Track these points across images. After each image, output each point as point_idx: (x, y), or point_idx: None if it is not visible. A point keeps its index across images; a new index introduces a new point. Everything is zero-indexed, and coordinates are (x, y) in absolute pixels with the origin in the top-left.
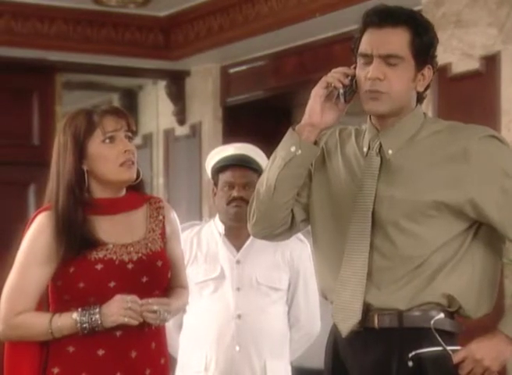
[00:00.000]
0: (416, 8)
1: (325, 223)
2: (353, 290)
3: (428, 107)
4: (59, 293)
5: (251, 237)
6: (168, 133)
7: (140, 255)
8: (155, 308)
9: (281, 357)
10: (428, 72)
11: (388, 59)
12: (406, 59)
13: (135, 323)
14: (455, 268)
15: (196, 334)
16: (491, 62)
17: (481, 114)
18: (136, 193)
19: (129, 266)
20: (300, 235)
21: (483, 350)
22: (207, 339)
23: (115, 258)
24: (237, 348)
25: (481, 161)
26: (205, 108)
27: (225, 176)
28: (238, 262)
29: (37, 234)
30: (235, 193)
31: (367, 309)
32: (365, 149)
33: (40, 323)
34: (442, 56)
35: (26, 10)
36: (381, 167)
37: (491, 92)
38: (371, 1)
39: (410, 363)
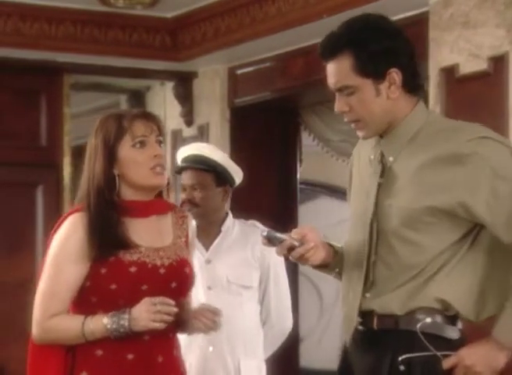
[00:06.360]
0: (423, 10)
1: (349, 230)
2: (351, 301)
3: (435, 108)
4: (86, 294)
5: (220, 236)
6: (176, 135)
7: (170, 260)
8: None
9: (254, 355)
10: (395, 75)
11: (342, 91)
12: (357, 84)
13: (163, 326)
14: (451, 272)
15: None
16: (499, 62)
17: (488, 115)
18: (163, 199)
19: (161, 270)
20: None
21: (474, 356)
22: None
23: (148, 261)
24: (211, 349)
25: (471, 163)
26: (213, 110)
27: (181, 179)
28: (208, 261)
29: (69, 234)
30: (183, 195)
31: (370, 314)
32: (372, 157)
33: (74, 327)
34: (450, 57)
35: (34, 12)
36: (383, 175)
37: (499, 93)
38: (377, 2)
39: (402, 367)
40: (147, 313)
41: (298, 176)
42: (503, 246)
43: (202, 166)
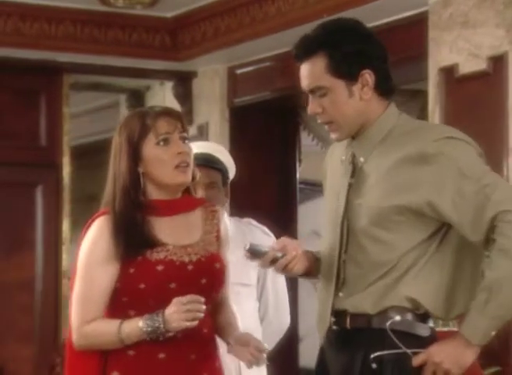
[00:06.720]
0: (423, 9)
1: (323, 230)
2: (324, 300)
3: (435, 108)
4: (117, 295)
5: None
6: None
7: (198, 256)
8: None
9: None
10: (368, 77)
11: (315, 92)
12: (330, 85)
13: (195, 324)
14: (420, 271)
15: None
16: (498, 62)
17: (488, 115)
18: (190, 195)
19: (189, 267)
20: (265, 229)
21: (442, 353)
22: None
23: (175, 259)
24: None
25: (437, 163)
26: (212, 109)
27: None
28: None
29: (97, 238)
30: (198, 193)
31: (343, 313)
32: (343, 158)
33: (110, 331)
34: (449, 57)
35: (34, 11)
36: (354, 175)
37: (498, 92)
38: (377, 2)
39: (374, 365)
40: (177, 314)
41: (297, 175)
42: (470, 245)
43: (215, 165)
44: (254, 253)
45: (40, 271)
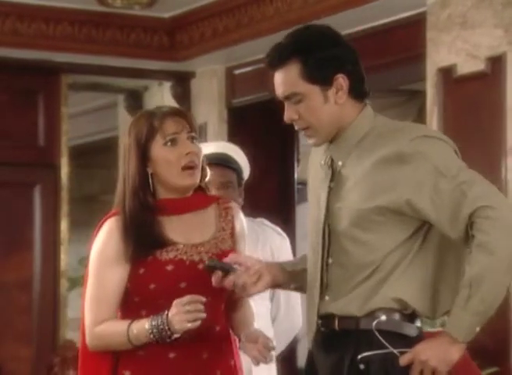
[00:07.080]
0: (421, 10)
1: (307, 235)
2: (311, 304)
3: (433, 108)
4: (129, 295)
5: None
6: None
7: (210, 254)
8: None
9: None
10: (342, 81)
11: (290, 99)
12: (305, 91)
13: (197, 324)
14: (406, 271)
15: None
16: (496, 63)
17: (486, 115)
18: (203, 193)
19: (200, 266)
20: (278, 229)
21: (428, 351)
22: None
23: (185, 258)
24: None
25: (414, 162)
26: (210, 110)
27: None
28: None
29: (107, 240)
30: (213, 193)
31: (331, 316)
32: (322, 162)
33: (120, 332)
34: (448, 57)
35: (32, 11)
36: (333, 179)
37: (496, 93)
38: (375, 2)
39: (362, 366)
40: (178, 316)
41: (296, 176)
42: (453, 242)
43: (230, 164)
44: (214, 268)
45: (38, 271)
